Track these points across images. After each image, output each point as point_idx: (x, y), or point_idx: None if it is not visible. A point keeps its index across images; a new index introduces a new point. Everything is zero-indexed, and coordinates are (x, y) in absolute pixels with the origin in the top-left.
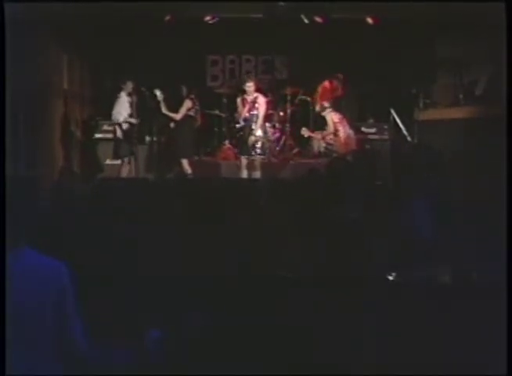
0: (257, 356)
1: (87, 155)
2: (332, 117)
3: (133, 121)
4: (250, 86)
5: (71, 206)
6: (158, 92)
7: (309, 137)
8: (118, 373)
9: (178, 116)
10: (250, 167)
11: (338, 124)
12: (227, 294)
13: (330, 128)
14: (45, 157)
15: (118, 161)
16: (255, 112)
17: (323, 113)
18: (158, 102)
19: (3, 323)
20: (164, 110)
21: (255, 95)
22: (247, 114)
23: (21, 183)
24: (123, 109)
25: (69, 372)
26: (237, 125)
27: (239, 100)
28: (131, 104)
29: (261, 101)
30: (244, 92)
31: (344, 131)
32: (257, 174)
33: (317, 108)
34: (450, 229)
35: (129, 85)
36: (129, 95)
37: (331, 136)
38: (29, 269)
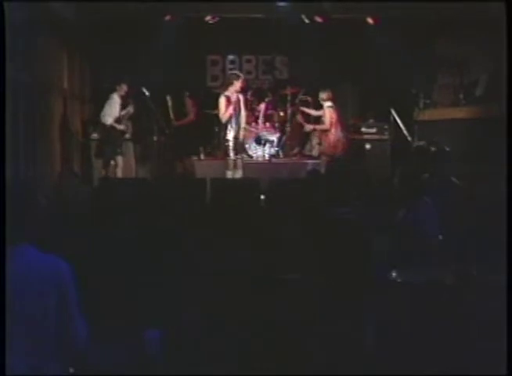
0: (258, 356)
1: (87, 155)
2: (331, 113)
3: (120, 126)
4: (237, 84)
5: (71, 206)
6: (168, 98)
7: (308, 134)
8: (118, 373)
9: (191, 116)
10: (249, 167)
11: (334, 123)
12: (227, 294)
13: (326, 124)
14: (45, 157)
15: (112, 162)
16: (239, 111)
17: (323, 103)
18: (167, 107)
19: (3, 322)
20: (174, 122)
21: (236, 94)
22: (232, 112)
23: (21, 183)
24: (112, 111)
25: (69, 372)
26: (223, 123)
27: (222, 100)
28: (121, 107)
29: (241, 99)
30: (227, 90)
31: (335, 133)
32: (257, 174)
33: (321, 95)
34: (450, 229)
35: (123, 88)
36: (121, 98)
37: (318, 134)
38: (29, 268)
